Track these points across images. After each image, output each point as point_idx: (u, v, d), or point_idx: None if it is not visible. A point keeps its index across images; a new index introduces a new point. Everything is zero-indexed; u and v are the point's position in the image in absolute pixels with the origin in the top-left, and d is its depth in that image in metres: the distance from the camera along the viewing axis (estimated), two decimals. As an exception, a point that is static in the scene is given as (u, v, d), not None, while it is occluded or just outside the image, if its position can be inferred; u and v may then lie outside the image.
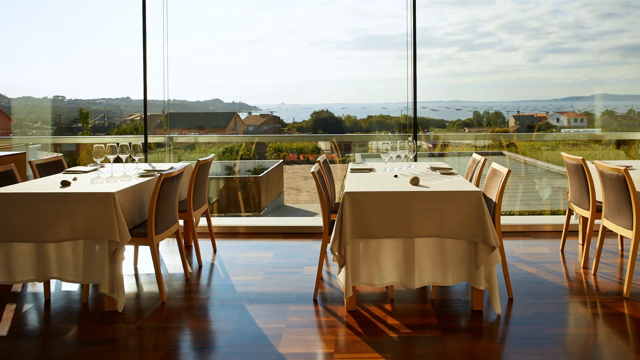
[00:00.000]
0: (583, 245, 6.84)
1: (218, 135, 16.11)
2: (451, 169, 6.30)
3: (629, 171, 5.36)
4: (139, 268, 6.46)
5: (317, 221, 8.50)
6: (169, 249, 7.32)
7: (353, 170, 6.33)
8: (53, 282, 5.86)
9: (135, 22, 8.60)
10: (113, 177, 5.91)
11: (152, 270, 6.30)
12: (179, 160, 9.02)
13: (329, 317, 4.98)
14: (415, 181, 5.22)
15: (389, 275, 4.97)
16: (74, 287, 5.82)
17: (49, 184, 5.47)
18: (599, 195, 6.21)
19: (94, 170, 6.38)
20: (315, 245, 7.40)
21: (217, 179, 12.28)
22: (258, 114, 17.99)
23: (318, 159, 6.35)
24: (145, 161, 8.59)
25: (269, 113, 17.84)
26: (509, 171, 5.12)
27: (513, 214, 10.16)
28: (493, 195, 5.32)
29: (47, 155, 8.41)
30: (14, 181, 5.95)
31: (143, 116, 8.84)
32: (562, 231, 7.18)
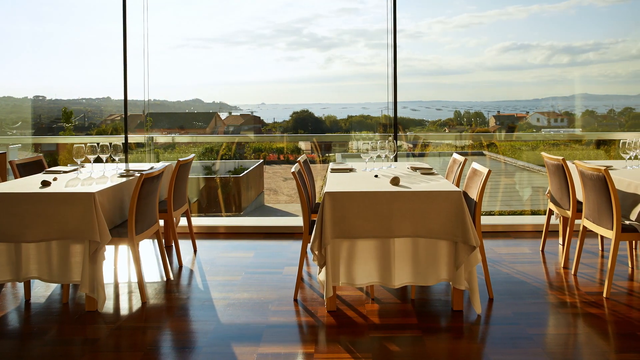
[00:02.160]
0: (563, 245, 6.88)
1: (198, 135, 16.07)
2: (432, 169, 6.32)
3: (609, 171, 5.39)
4: (119, 268, 6.41)
5: (298, 221, 8.50)
6: (149, 249, 7.29)
7: (333, 170, 6.33)
8: (33, 282, 5.82)
9: (116, 23, 8.58)
10: (93, 177, 5.89)
11: (133, 271, 6.28)
12: (159, 160, 8.99)
13: (309, 317, 4.97)
14: (395, 181, 5.23)
15: (369, 275, 4.98)
16: (54, 287, 5.78)
17: (29, 184, 5.43)
18: (580, 196, 6.24)
19: (75, 170, 6.35)
20: (295, 246, 7.40)
21: (197, 179, 12.25)
22: (238, 114, 17.92)
23: (298, 159, 6.35)
24: (126, 161, 8.56)
25: (249, 113, 17.77)
26: (490, 171, 5.13)
27: (493, 214, 10.21)
28: (474, 195, 5.33)
29: (28, 155, 8.36)
30: (-7, 181, 5.92)
31: (123, 116, 8.80)
32: (542, 231, 7.22)
